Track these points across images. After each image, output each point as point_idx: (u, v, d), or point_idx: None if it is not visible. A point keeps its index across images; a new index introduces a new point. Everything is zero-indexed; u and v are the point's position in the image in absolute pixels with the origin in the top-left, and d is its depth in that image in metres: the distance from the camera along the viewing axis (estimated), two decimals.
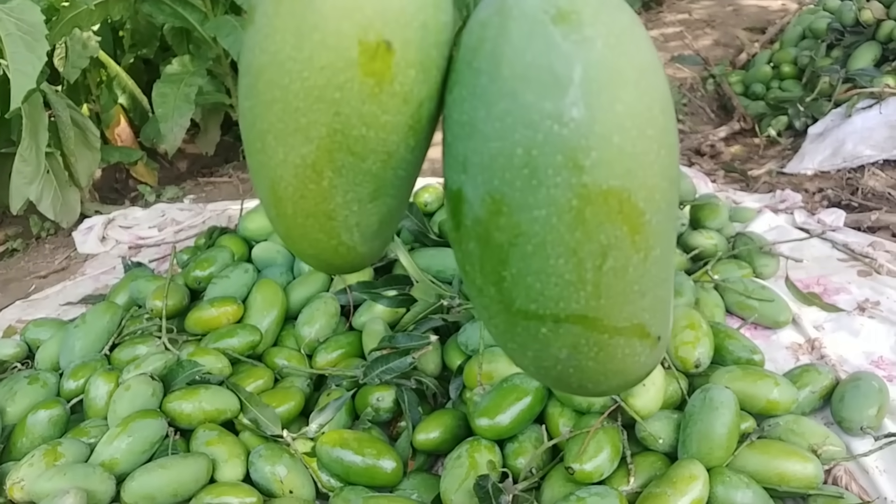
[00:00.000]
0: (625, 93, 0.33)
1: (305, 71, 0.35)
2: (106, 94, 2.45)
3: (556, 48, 0.33)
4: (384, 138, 0.37)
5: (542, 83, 0.32)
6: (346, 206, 0.39)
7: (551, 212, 0.33)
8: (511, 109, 0.33)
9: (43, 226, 2.15)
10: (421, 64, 0.36)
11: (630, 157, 0.33)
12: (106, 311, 1.28)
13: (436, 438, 1.03)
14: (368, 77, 0.35)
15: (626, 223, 0.34)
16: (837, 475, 0.95)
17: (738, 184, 1.93)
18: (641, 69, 0.34)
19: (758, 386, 1.01)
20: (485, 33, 0.35)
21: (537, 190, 0.33)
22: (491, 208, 0.35)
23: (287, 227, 0.41)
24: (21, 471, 0.95)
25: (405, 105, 0.37)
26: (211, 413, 1.05)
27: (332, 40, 0.34)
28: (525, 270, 0.35)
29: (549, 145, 0.32)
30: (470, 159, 0.35)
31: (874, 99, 1.90)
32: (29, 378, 1.16)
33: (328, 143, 0.36)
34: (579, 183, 0.33)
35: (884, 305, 1.26)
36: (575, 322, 0.36)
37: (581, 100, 0.32)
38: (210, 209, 2.04)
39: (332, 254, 0.42)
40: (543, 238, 0.34)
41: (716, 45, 2.93)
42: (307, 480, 1.01)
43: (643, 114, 0.33)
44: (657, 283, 0.37)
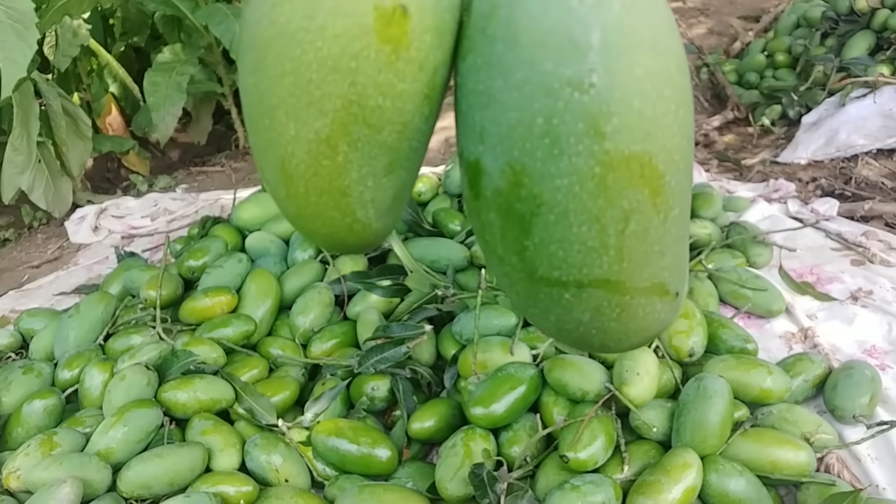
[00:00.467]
0: (643, 55, 0.32)
1: (319, 40, 0.34)
2: (97, 82, 2.43)
3: (573, 13, 0.32)
4: (400, 108, 0.36)
5: (561, 50, 0.32)
6: (361, 181, 0.38)
7: (574, 180, 0.33)
8: (529, 78, 0.32)
9: (35, 215, 2.14)
10: (436, 28, 0.35)
11: (650, 119, 0.33)
12: (100, 301, 1.28)
13: (430, 427, 1.03)
14: (385, 44, 0.34)
15: (648, 186, 0.34)
16: (830, 463, 0.95)
17: (731, 173, 1.93)
18: (658, 29, 0.33)
19: (751, 375, 1.02)
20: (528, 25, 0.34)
21: (559, 159, 0.33)
22: (511, 179, 0.34)
23: (298, 206, 0.40)
24: (17, 460, 0.95)
25: (421, 72, 0.35)
26: (206, 402, 1.05)
27: (347, 6, 0.33)
28: (548, 239, 0.35)
29: (569, 113, 0.32)
30: (488, 129, 0.34)
31: (868, 88, 1.90)
32: (24, 368, 1.16)
33: (343, 115, 0.35)
34: (601, 150, 0.32)
35: (877, 294, 1.27)
36: (598, 286, 0.36)
37: (600, 65, 0.32)
38: (203, 199, 2.03)
39: (347, 232, 0.41)
40: (566, 207, 0.34)
41: (710, 34, 2.93)
42: (303, 469, 1.01)
43: (661, 74, 0.33)
44: (676, 241, 0.37)
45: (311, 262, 1.36)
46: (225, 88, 2.42)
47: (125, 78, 2.47)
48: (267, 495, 0.95)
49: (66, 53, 2.10)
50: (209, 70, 2.39)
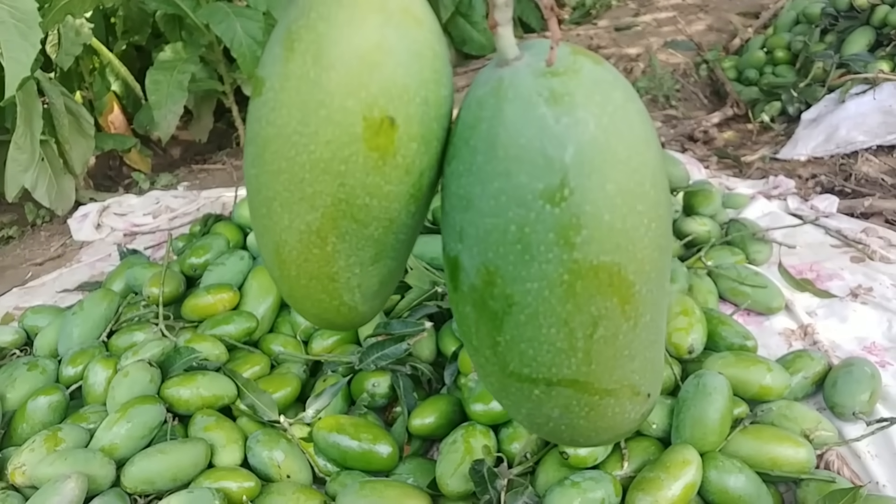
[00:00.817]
0: (616, 172, 0.34)
1: (311, 144, 0.36)
2: (99, 81, 2.44)
3: (549, 130, 0.33)
4: (387, 206, 0.38)
5: (535, 165, 0.33)
6: (348, 269, 0.41)
7: (543, 285, 0.35)
8: (505, 188, 0.34)
9: (38, 213, 2.15)
10: (422, 137, 0.37)
11: (620, 232, 0.34)
12: (103, 299, 1.28)
13: (431, 424, 1.04)
14: (372, 151, 0.36)
15: (617, 295, 0.35)
16: (829, 460, 0.96)
17: (731, 170, 1.93)
18: (633, 146, 0.35)
19: (751, 372, 1.02)
20: (481, 113, 0.36)
21: (530, 264, 0.34)
22: (485, 278, 0.36)
23: (290, 287, 0.42)
24: (22, 456, 0.96)
25: (407, 175, 0.38)
26: (208, 399, 1.06)
27: (338, 116, 0.36)
28: (518, 338, 0.37)
29: (540, 224, 0.34)
30: (466, 231, 0.36)
31: (868, 84, 1.90)
32: (28, 364, 1.17)
33: (333, 211, 0.38)
34: (570, 259, 0.34)
35: (876, 291, 1.27)
36: (566, 385, 0.38)
37: (572, 181, 0.33)
38: (204, 196, 2.04)
39: (335, 313, 0.44)
40: (536, 309, 0.35)
41: (709, 30, 2.93)
42: (304, 465, 1.02)
43: (634, 190, 0.34)
44: (647, 345, 0.39)
45: None
46: (226, 87, 2.42)
47: (127, 76, 2.47)
48: (269, 491, 0.96)
49: (69, 52, 2.10)
50: (210, 68, 2.40)
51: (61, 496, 0.88)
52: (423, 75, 0.37)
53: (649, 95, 2.48)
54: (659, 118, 2.32)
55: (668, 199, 0.37)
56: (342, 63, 0.35)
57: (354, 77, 0.35)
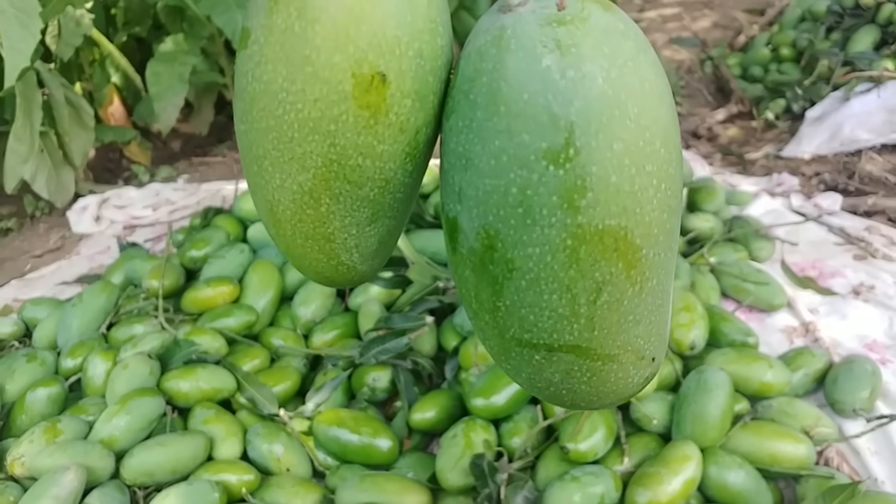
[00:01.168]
0: (624, 130, 0.32)
1: (299, 103, 0.35)
2: (99, 73, 2.43)
3: (554, 86, 0.32)
4: (381, 166, 0.37)
5: (538, 122, 0.32)
6: (344, 229, 0.39)
7: (545, 250, 0.33)
8: (506, 147, 0.32)
9: (37, 205, 2.14)
10: (417, 93, 0.36)
11: (627, 195, 0.32)
12: (102, 291, 1.28)
13: (431, 418, 1.03)
14: (363, 109, 0.35)
15: (622, 259, 0.34)
16: (829, 456, 0.96)
17: (734, 167, 1.93)
18: (644, 102, 0.33)
19: (752, 368, 1.02)
20: (482, 65, 0.34)
21: (531, 229, 0.33)
22: (485, 242, 0.35)
23: (287, 245, 0.41)
24: (21, 447, 0.96)
25: (402, 134, 0.36)
26: (208, 392, 1.05)
27: (325, 73, 0.34)
28: (519, 303, 0.35)
29: (543, 186, 0.32)
30: (465, 191, 0.35)
31: (873, 82, 1.89)
32: (27, 356, 1.16)
33: (324, 172, 0.36)
34: (574, 223, 0.32)
35: (878, 289, 1.27)
36: (568, 351, 0.36)
37: (578, 140, 0.31)
38: (204, 189, 2.03)
39: (333, 272, 0.43)
40: (537, 275, 0.34)
41: (714, 27, 2.92)
42: (304, 459, 1.01)
43: (643, 149, 0.33)
44: (652, 309, 0.37)
45: None
46: (227, 79, 2.41)
47: (127, 68, 2.46)
48: (268, 484, 0.96)
49: (69, 43, 2.09)
50: (211, 60, 2.39)
51: (60, 487, 0.87)
52: (417, 25, 0.35)
53: None
54: None
55: (679, 157, 0.35)
56: (328, 15, 0.33)
57: (341, 30, 0.33)
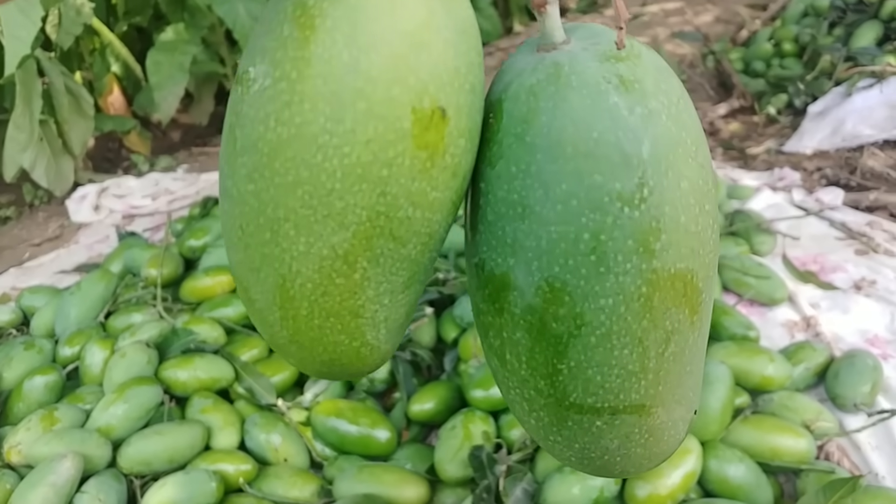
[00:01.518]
0: (687, 168, 0.31)
1: (346, 146, 0.29)
2: (99, 62, 2.42)
3: (623, 123, 0.30)
4: (429, 218, 0.32)
5: (611, 162, 0.30)
6: (377, 299, 0.34)
7: (619, 301, 0.31)
8: (576, 191, 0.30)
9: (36, 194, 2.14)
10: (470, 132, 0.32)
11: (694, 235, 0.31)
12: (101, 279, 1.28)
13: (430, 409, 1.03)
14: (421, 150, 0.30)
15: (688, 305, 0.32)
16: (830, 451, 0.95)
17: (736, 161, 1.92)
18: (698, 140, 0.32)
19: (753, 362, 1.01)
20: (538, 104, 0.31)
21: (605, 277, 0.31)
22: (549, 297, 0.32)
23: (295, 331, 0.34)
24: (18, 435, 0.95)
25: (454, 179, 0.32)
26: (206, 381, 1.05)
27: (382, 109, 0.29)
28: (586, 363, 0.32)
29: (619, 229, 0.30)
30: (521, 242, 0.32)
31: (875, 78, 1.89)
32: (25, 344, 1.16)
33: (367, 228, 0.31)
34: (649, 268, 0.31)
35: (880, 284, 1.27)
36: (632, 412, 0.34)
37: (651, 179, 0.30)
38: (204, 179, 2.03)
39: (353, 357, 0.36)
40: (609, 329, 0.31)
41: (716, 22, 2.91)
42: (302, 449, 1.01)
43: (702, 188, 0.32)
44: (700, 357, 0.36)
45: None
46: (227, 69, 2.41)
47: (127, 58, 2.45)
48: (266, 474, 0.96)
49: (69, 32, 2.08)
50: (211, 50, 2.38)
51: (57, 475, 0.87)
52: (471, 57, 0.32)
53: None
54: None
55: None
56: (385, 43, 0.29)
57: (401, 59, 0.29)
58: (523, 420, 0.38)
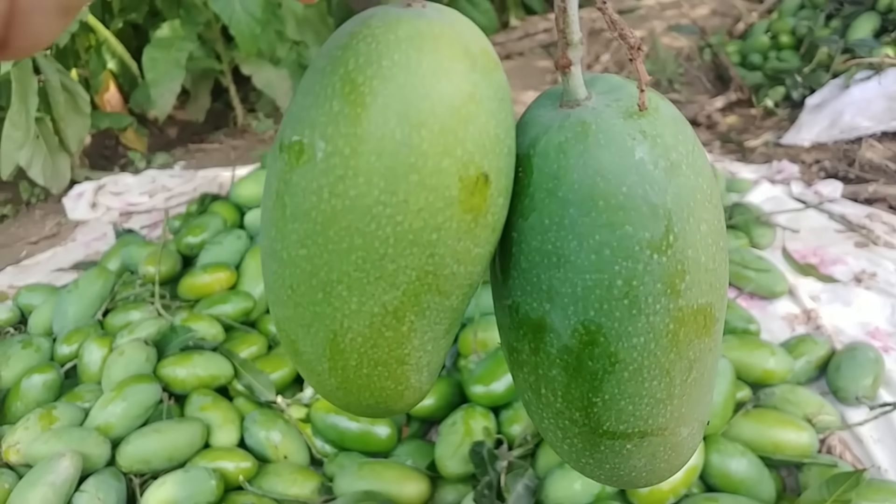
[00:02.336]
0: (705, 211, 0.34)
1: (399, 215, 0.31)
2: (95, 59, 2.41)
3: (650, 176, 0.32)
4: (472, 271, 0.35)
5: (640, 213, 0.32)
6: (421, 347, 0.36)
7: (649, 338, 0.33)
8: (608, 241, 0.32)
9: (33, 192, 2.13)
10: (506, 190, 0.35)
11: (712, 272, 0.34)
12: (98, 277, 1.27)
13: (430, 405, 1.03)
14: (467, 213, 0.33)
15: (707, 334, 0.35)
16: (832, 444, 0.95)
17: (733, 155, 1.92)
18: (712, 183, 0.34)
19: (754, 355, 1.01)
20: (568, 161, 0.33)
21: (637, 319, 0.33)
22: (584, 339, 0.34)
23: (344, 379, 0.37)
24: (17, 434, 0.95)
25: (493, 234, 0.35)
26: (205, 379, 1.05)
27: (433, 180, 0.31)
28: (619, 395, 0.35)
29: (649, 275, 0.33)
30: (557, 289, 0.34)
31: (873, 70, 1.88)
32: (22, 342, 1.15)
33: (417, 286, 0.33)
34: (676, 307, 0.33)
35: (880, 277, 1.26)
36: (658, 434, 0.37)
37: (676, 226, 0.33)
38: (201, 176, 2.02)
39: (397, 399, 0.39)
40: (640, 364, 0.34)
41: (713, 15, 2.90)
42: (302, 446, 1.01)
43: (717, 228, 0.34)
44: (714, 375, 0.38)
45: None
46: (224, 65, 2.40)
47: (123, 55, 2.44)
48: (266, 472, 0.95)
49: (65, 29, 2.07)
50: (208, 47, 2.37)
51: (56, 474, 0.87)
52: (508, 122, 0.34)
53: (652, 79, 2.45)
54: None
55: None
56: (435, 119, 0.31)
57: (450, 134, 0.31)
58: (556, 446, 0.40)
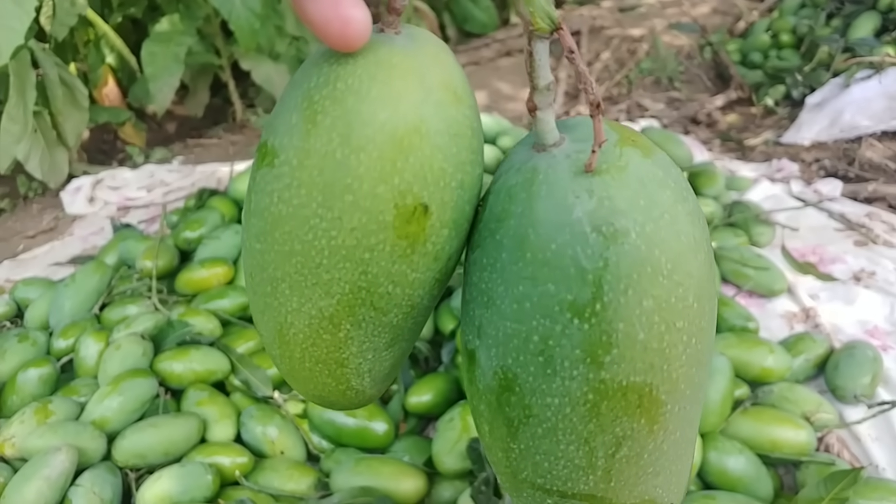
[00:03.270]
0: (655, 287, 0.30)
1: (333, 230, 0.32)
2: (94, 53, 2.40)
3: (584, 239, 0.30)
4: (410, 294, 0.35)
5: (566, 274, 0.30)
6: (360, 354, 0.37)
7: (564, 402, 0.32)
8: (530, 294, 0.31)
9: (30, 185, 2.12)
10: (454, 222, 0.34)
11: (655, 352, 0.31)
12: (95, 271, 1.26)
13: (428, 402, 1.02)
14: (401, 239, 0.33)
15: (645, 416, 0.32)
16: (830, 442, 0.95)
17: (733, 153, 1.92)
18: (678, 256, 0.31)
19: (753, 353, 1.01)
20: (511, 207, 0.32)
21: (552, 378, 0.31)
22: (503, 383, 0.33)
23: (292, 367, 0.39)
24: (12, 427, 0.94)
25: (435, 262, 0.35)
26: (201, 374, 1.04)
27: (367, 203, 0.32)
28: (534, 449, 0.34)
29: (566, 338, 0.31)
30: (484, 328, 0.33)
31: (873, 69, 1.88)
32: (18, 336, 1.15)
33: (350, 298, 0.34)
34: (597, 378, 0.31)
35: (879, 275, 1.26)
36: (582, 500, 0.35)
37: (606, 295, 0.30)
38: (199, 171, 2.01)
39: (340, 396, 0.40)
40: (555, 425, 0.32)
41: (714, 13, 2.90)
42: (298, 441, 1.00)
43: (675, 306, 0.31)
44: (674, 460, 0.36)
45: None
46: (223, 60, 2.39)
47: (122, 49, 2.43)
48: (262, 467, 0.95)
49: (64, 23, 2.06)
50: (207, 42, 2.36)
51: (51, 468, 0.86)
52: (461, 157, 0.33)
53: (652, 77, 2.45)
54: (662, 100, 2.30)
55: (713, 307, 0.33)
56: (374, 146, 0.31)
57: (388, 162, 0.31)
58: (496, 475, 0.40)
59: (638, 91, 2.38)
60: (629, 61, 2.54)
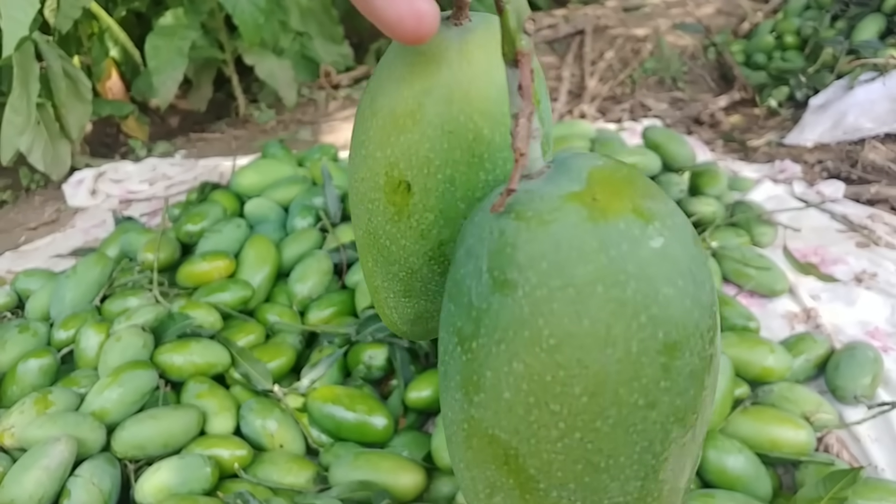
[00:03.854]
0: (529, 355, 0.28)
1: (355, 173, 0.38)
2: (97, 46, 2.40)
3: (477, 276, 0.29)
4: (405, 257, 0.38)
5: (462, 301, 0.30)
6: (384, 290, 0.42)
7: (448, 421, 0.33)
8: (446, 305, 0.32)
9: (33, 178, 2.12)
10: (442, 212, 0.36)
11: (521, 419, 0.29)
12: (97, 263, 1.26)
13: (427, 397, 1.02)
14: (390, 205, 0.37)
15: (513, 477, 0.30)
16: (829, 443, 0.95)
17: (736, 154, 1.91)
18: (569, 338, 0.27)
19: (753, 353, 1.01)
20: (464, 227, 0.32)
21: (446, 391, 0.32)
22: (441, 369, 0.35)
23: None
24: (12, 417, 0.94)
25: (423, 240, 0.37)
26: (202, 366, 1.04)
27: (370, 162, 0.36)
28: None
29: (453, 360, 0.31)
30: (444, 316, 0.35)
31: (877, 71, 1.88)
32: (19, 327, 1.15)
33: (365, 236, 0.39)
34: (468, 413, 0.31)
35: (881, 277, 1.26)
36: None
37: (481, 338, 0.29)
38: (202, 165, 2.01)
39: (383, 315, 0.45)
40: (449, 436, 0.34)
41: (718, 14, 2.89)
42: (298, 435, 1.00)
43: (550, 385, 0.28)
44: None
45: (310, 230, 1.34)
46: (226, 55, 2.39)
47: (126, 42, 2.43)
48: (261, 460, 0.95)
49: (68, 15, 2.06)
50: (211, 36, 2.36)
51: (50, 458, 0.86)
52: (453, 155, 0.34)
53: (656, 77, 2.45)
54: (665, 100, 2.30)
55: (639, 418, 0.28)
56: (381, 116, 0.35)
57: (384, 133, 0.35)
58: None
59: (641, 91, 2.38)
60: (633, 61, 2.54)
